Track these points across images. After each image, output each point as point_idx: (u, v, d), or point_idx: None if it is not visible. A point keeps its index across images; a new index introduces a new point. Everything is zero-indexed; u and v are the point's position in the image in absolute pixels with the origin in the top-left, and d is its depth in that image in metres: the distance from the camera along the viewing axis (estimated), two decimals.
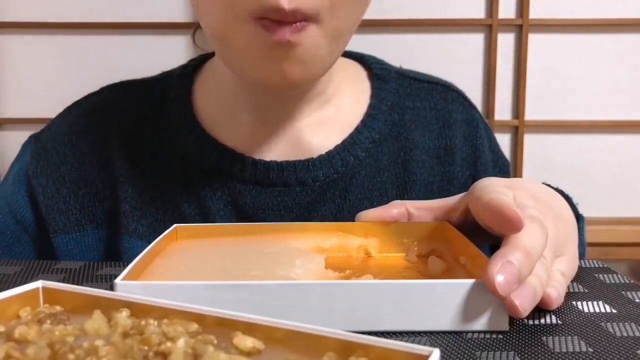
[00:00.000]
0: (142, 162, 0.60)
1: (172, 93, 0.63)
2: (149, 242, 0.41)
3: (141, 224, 0.58)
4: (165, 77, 0.65)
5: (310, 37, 0.48)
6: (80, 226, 0.60)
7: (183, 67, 0.65)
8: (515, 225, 0.35)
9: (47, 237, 0.60)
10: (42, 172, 0.61)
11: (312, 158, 0.59)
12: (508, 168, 0.68)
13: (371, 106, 0.62)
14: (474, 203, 0.40)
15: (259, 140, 0.59)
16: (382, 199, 0.60)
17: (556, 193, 0.46)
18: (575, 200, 0.56)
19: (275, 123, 0.59)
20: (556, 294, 0.36)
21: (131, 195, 0.59)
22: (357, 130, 0.61)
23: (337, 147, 0.60)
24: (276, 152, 0.59)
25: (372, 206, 0.47)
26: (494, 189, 0.39)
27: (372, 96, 0.63)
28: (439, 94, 0.66)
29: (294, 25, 0.47)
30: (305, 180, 0.58)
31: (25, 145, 0.65)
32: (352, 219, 0.47)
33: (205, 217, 0.58)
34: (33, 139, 0.65)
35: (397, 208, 0.46)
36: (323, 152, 0.59)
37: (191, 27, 0.90)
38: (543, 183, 0.49)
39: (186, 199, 0.59)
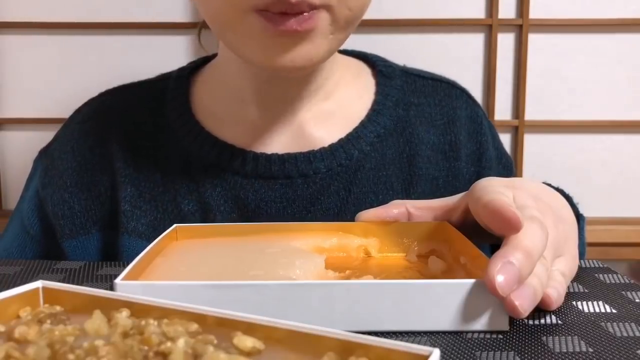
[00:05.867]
0: (142, 162, 0.61)
1: (169, 94, 0.63)
2: (149, 241, 0.42)
3: (141, 222, 0.59)
4: (163, 79, 0.66)
5: (319, 22, 0.48)
6: (86, 229, 0.60)
7: (181, 69, 0.66)
8: (514, 226, 0.35)
9: (58, 246, 0.61)
10: (49, 183, 0.62)
11: (314, 150, 0.59)
12: (512, 166, 0.69)
13: (376, 102, 0.63)
14: (473, 203, 0.40)
15: (263, 134, 0.60)
16: (388, 193, 0.60)
17: (556, 193, 0.46)
18: (575, 200, 0.56)
19: (279, 116, 0.60)
20: (556, 294, 0.36)
21: (131, 194, 0.59)
22: (362, 124, 0.61)
23: (341, 141, 0.60)
24: (279, 145, 0.60)
25: (378, 199, 0.47)
26: (493, 189, 0.39)
27: (377, 92, 0.63)
28: (443, 90, 0.66)
29: (301, 16, 0.47)
30: (306, 173, 0.58)
31: (35, 162, 0.66)
32: (357, 212, 0.47)
33: (206, 213, 0.58)
34: (41, 153, 0.66)
35: (397, 208, 0.46)
36: (326, 145, 0.59)
37: (191, 27, 0.90)
38: (543, 183, 0.49)
39: (186, 197, 0.59)
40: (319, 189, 0.59)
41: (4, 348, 0.24)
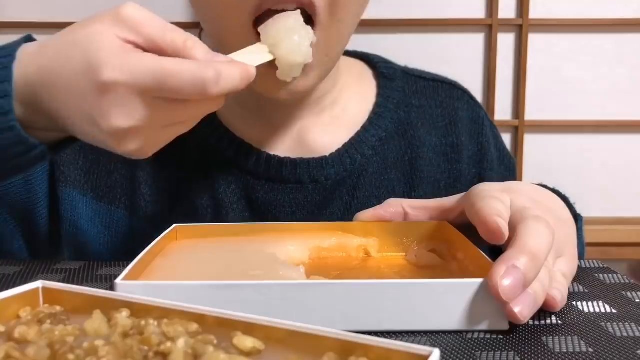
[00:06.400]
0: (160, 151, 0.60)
1: None
2: (155, 226, 0.41)
3: (151, 206, 0.58)
4: None
5: (314, 55, 0.48)
6: (83, 190, 0.58)
7: None
8: (497, 237, 0.36)
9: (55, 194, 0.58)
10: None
11: (325, 156, 0.59)
12: (514, 166, 0.68)
13: (377, 104, 0.63)
14: (468, 208, 0.40)
15: (270, 137, 0.60)
16: (390, 197, 0.60)
17: (553, 194, 0.46)
18: (572, 200, 0.56)
19: (283, 124, 0.60)
20: (560, 296, 0.36)
21: (146, 180, 0.59)
22: (364, 128, 0.61)
23: (345, 146, 0.60)
24: (286, 150, 0.59)
25: (380, 204, 0.47)
26: (488, 195, 0.39)
27: (378, 95, 0.63)
28: (444, 91, 0.66)
29: None
30: (318, 178, 0.58)
31: None
32: None
33: (218, 209, 0.58)
34: None
35: (393, 207, 0.47)
36: (332, 150, 0.59)
37: (191, 27, 0.89)
38: (539, 184, 0.49)
39: (201, 190, 0.59)
40: (327, 195, 0.59)
41: (4, 348, 0.24)
